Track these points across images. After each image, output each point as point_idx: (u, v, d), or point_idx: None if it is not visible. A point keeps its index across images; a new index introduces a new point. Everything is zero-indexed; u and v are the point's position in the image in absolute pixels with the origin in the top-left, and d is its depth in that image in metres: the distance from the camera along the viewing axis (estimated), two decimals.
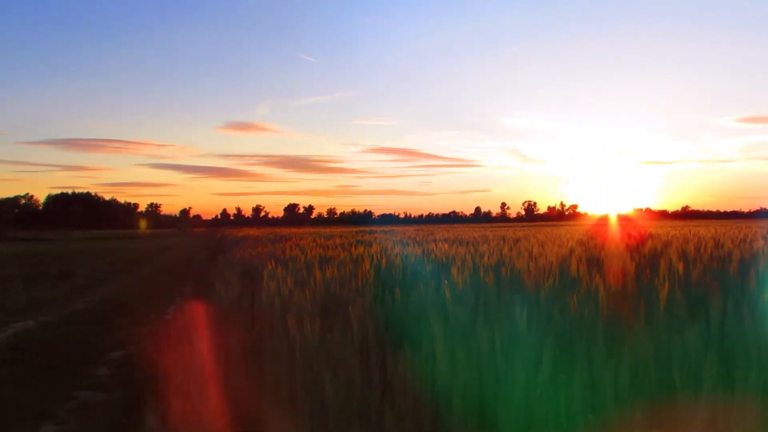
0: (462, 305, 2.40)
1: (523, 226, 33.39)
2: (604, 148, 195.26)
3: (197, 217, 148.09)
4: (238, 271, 6.22)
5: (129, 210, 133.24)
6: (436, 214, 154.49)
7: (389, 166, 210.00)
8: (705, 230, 10.67)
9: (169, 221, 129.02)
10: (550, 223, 74.12)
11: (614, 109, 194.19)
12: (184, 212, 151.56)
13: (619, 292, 2.55)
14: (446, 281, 2.77)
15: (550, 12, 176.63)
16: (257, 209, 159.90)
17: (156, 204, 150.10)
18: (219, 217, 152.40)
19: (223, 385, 2.85)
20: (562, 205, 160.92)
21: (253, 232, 23.43)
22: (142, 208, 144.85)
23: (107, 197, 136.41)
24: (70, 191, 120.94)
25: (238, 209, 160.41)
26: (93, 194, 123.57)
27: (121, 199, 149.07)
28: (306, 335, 2.24)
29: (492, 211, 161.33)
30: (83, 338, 6.79)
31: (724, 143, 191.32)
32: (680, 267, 2.86)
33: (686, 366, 1.75)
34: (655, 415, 1.80)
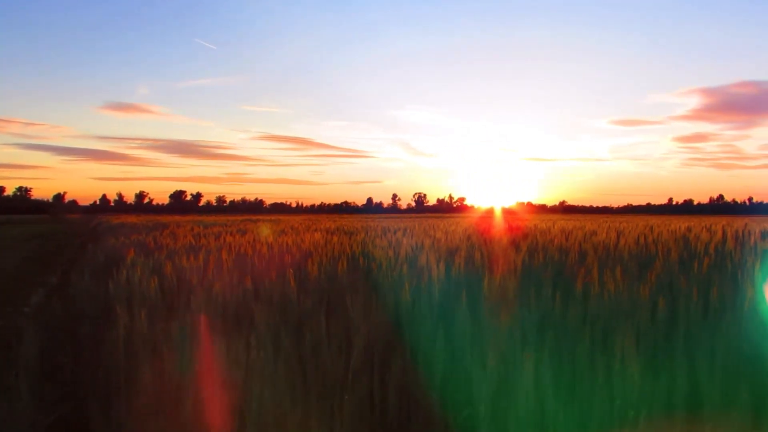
0: (307, 294, 2.45)
1: (411, 218, 34.19)
2: (490, 143, 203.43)
3: (73, 202, 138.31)
4: (100, 260, 5.93)
5: None
6: (328, 204, 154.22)
7: (280, 154, 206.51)
8: (569, 224, 11.44)
9: (41, 207, 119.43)
10: (438, 215, 76.29)
11: (500, 106, 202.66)
12: (58, 197, 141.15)
13: (459, 280, 2.70)
14: (293, 270, 2.80)
15: (439, 8, 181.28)
16: (141, 195, 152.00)
17: (26, 188, 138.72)
18: (98, 203, 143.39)
19: (62, 380, 2.72)
20: (451, 197, 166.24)
21: (131, 219, 22.31)
22: (9, 191, 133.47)
23: None
24: None
25: (120, 195, 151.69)
26: None
27: None
28: (137, 326, 2.19)
29: (384, 202, 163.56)
30: None
31: (598, 143, 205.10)
32: (519, 258, 3.07)
33: (498, 349, 1.90)
34: (471, 398, 1.94)
